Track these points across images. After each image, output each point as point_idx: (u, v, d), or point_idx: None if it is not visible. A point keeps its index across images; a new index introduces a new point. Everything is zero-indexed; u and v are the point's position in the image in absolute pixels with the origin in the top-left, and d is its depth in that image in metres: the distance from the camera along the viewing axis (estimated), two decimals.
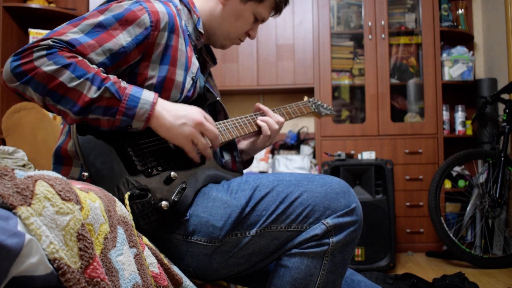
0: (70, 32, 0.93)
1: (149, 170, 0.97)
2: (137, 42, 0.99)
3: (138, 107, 0.93)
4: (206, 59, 1.28)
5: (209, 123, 1.02)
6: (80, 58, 0.90)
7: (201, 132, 1.01)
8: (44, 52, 0.87)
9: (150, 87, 1.03)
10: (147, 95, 0.95)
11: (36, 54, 0.87)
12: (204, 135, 1.02)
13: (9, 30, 3.02)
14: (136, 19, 0.99)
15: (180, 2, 1.16)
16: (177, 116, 0.97)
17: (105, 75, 0.92)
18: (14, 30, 3.08)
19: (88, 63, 0.91)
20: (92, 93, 0.88)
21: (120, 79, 0.94)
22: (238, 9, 1.19)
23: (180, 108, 0.99)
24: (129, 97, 0.92)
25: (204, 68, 1.28)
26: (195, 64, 1.13)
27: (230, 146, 1.25)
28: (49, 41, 0.88)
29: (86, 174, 0.91)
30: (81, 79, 0.88)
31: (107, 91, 0.89)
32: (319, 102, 1.51)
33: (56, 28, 0.94)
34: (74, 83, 0.87)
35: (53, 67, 0.86)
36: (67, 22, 0.96)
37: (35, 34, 3.00)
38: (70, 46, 0.90)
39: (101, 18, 0.97)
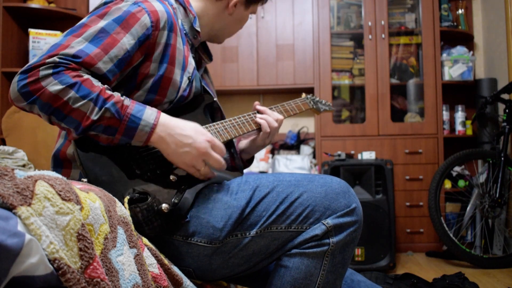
0: (75, 43, 0.92)
1: (148, 173, 0.97)
2: (139, 44, 0.99)
3: (138, 129, 0.93)
4: (202, 56, 1.29)
5: (215, 152, 0.99)
6: (85, 76, 0.90)
7: (205, 160, 0.99)
8: (50, 71, 0.87)
9: (146, 85, 1.03)
10: (149, 116, 0.94)
11: (42, 73, 0.87)
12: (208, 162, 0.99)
13: (9, 30, 3.02)
14: (136, 21, 0.99)
15: (175, 1, 1.16)
16: (180, 144, 0.95)
17: (109, 93, 0.91)
18: (14, 30, 3.08)
19: (93, 82, 0.91)
20: (94, 114, 0.89)
21: (124, 97, 0.94)
22: (242, 15, 1.26)
23: (187, 132, 0.97)
24: (129, 117, 0.91)
25: (200, 65, 1.29)
26: (191, 63, 1.13)
27: (227, 143, 1.25)
28: (55, 58, 0.88)
29: (85, 180, 0.91)
30: (85, 100, 0.88)
31: (107, 111, 0.89)
32: (317, 98, 1.52)
33: (59, 40, 0.93)
34: (78, 104, 0.88)
35: (58, 87, 0.87)
36: (68, 31, 0.96)
37: (35, 34, 3.00)
38: (76, 59, 0.90)
39: (102, 23, 0.96)
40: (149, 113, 0.94)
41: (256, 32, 3.29)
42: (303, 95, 1.47)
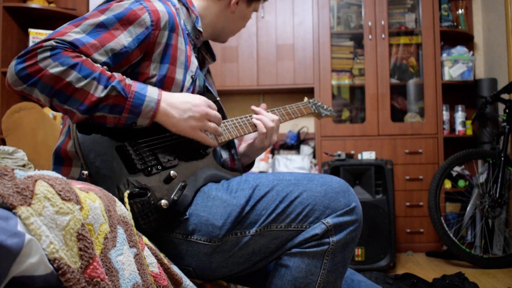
0: (72, 32, 0.92)
1: (149, 169, 0.97)
2: (138, 42, 0.99)
3: (144, 105, 0.94)
4: (205, 56, 1.29)
5: (213, 110, 1.06)
6: (84, 57, 0.91)
7: (207, 120, 1.05)
8: (48, 53, 0.87)
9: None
10: (152, 92, 0.96)
11: (40, 56, 0.87)
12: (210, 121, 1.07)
13: (9, 30, 3.02)
14: (136, 19, 0.99)
15: (178, 1, 1.17)
16: (183, 110, 1.00)
17: (109, 73, 0.92)
18: (14, 30, 3.08)
19: (93, 62, 0.91)
20: (99, 92, 0.89)
21: (125, 76, 0.95)
22: (245, 12, 1.26)
23: (185, 100, 1.02)
24: (134, 94, 0.93)
25: (203, 65, 1.29)
26: (194, 63, 1.13)
27: (228, 144, 1.25)
28: (52, 42, 0.88)
29: (85, 172, 0.91)
30: (88, 79, 0.88)
31: (114, 90, 0.90)
32: (319, 103, 1.51)
33: (57, 29, 0.94)
34: (81, 83, 0.88)
35: (60, 68, 0.87)
36: (68, 22, 0.97)
37: (35, 34, 3.00)
38: (73, 47, 0.90)
39: (102, 18, 0.97)
40: (152, 90, 0.97)
41: (256, 32, 3.29)
42: (305, 99, 1.47)
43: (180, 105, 1.00)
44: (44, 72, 0.86)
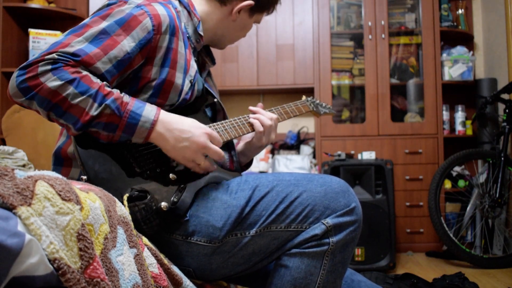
0: (75, 42, 0.92)
1: (148, 172, 0.97)
2: (140, 47, 0.99)
3: (139, 125, 0.93)
4: (205, 59, 1.28)
5: (214, 146, 1.01)
6: (84, 73, 0.90)
7: (204, 153, 1.00)
8: (49, 67, 0.87)
9: (148, 89, 1.03)
10: (149, 112, 0.95)
11: (41, 69, 0.87)
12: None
13: (9, 30, 3.02)
14: (138, 24, 0.99)
15: (180, 4, 1.16)
16: (179, 138, 0.97)
17: (108, 89, 0.92)
18: (14, 30, 3.08)
19: (92, 78, 0.91)
20: (93, 110, 0.89)
21: (123, 94, 0.94)
22: (246, 22, 1.24)
23: (185, 129, 0.98)
24: (129, 114, 0.92)
25: (203, 68, 1.29)
26: (193, 67, 1.13)
27: (227, 145, 1.25)
28: (54, 55, 0.88)
29: (84, 177, 0.91)
30: (84, 96, 0.88)
31: (107, 108, 0.90)
32: (318, 101, 1.51)
33: (60, 39, 0.93)
34: (77, 100, 0.88)
35: (57, 82, 0.87)
36: (70, 30, 0.96)
37: (35, 34, 3.00)
38: (75, 57, 0.90)
39: (103, 24, 0.96)
40: (149, 110, 0.95)
41: (256, 32, 3.29)
42: (304, 97, 1.47)
43: (179, 133, 0.97)
44: (42, 86, 0.87)
